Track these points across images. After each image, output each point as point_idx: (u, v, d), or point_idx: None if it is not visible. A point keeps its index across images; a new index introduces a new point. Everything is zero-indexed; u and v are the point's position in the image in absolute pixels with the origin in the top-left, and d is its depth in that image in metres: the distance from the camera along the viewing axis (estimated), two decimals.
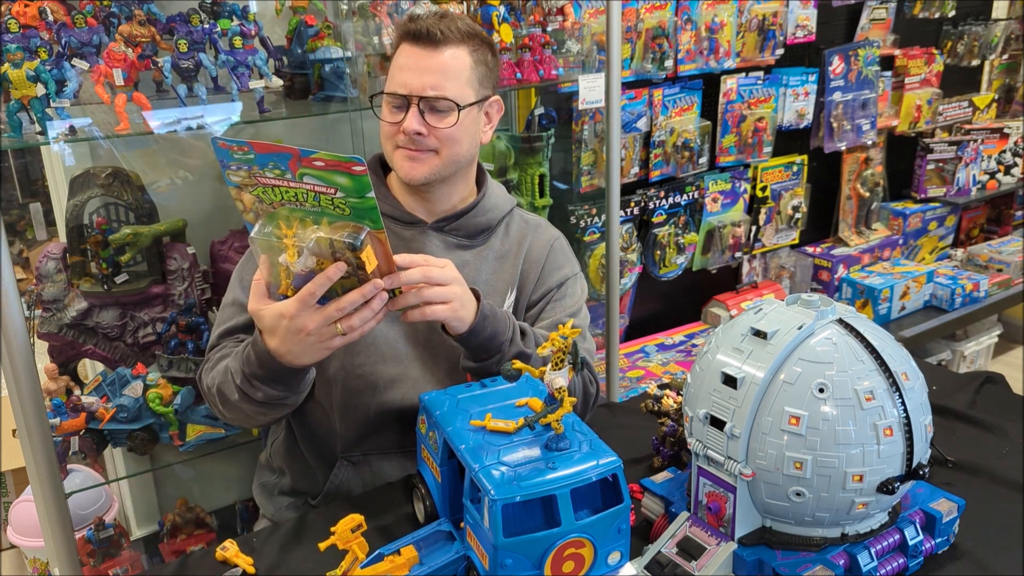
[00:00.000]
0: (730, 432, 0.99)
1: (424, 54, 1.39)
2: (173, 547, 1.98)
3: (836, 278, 3.20)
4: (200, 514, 2.01)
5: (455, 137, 1.42)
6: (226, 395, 1.32)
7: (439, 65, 1.39)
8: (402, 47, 1.41)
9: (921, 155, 3.43)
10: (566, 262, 1.60)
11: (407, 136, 1.39)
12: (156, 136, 1.63)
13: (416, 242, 1.48)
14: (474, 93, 1.42)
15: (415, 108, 1.38)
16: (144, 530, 2.16)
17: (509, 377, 1.03)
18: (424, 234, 1.49)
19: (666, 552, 1.06)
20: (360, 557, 1.01)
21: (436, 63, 1.39)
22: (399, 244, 1.46)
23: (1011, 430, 1.39)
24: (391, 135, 1.43)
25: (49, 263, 1.77)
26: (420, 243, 1.48)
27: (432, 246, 1.48)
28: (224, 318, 1.45)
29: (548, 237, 1.60)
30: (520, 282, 1.54)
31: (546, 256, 1.57)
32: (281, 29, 1.89)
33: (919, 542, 1.06)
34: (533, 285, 1.54)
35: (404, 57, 1.40)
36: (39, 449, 1.43)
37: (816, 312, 1.02)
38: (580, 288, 1.60)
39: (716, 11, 2.63)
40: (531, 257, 1.57)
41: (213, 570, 1.14)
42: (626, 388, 2.50)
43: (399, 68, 1.40)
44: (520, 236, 1.57)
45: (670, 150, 2.70)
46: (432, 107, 1.39)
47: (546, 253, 1.57)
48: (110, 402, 1.73)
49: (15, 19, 1.51)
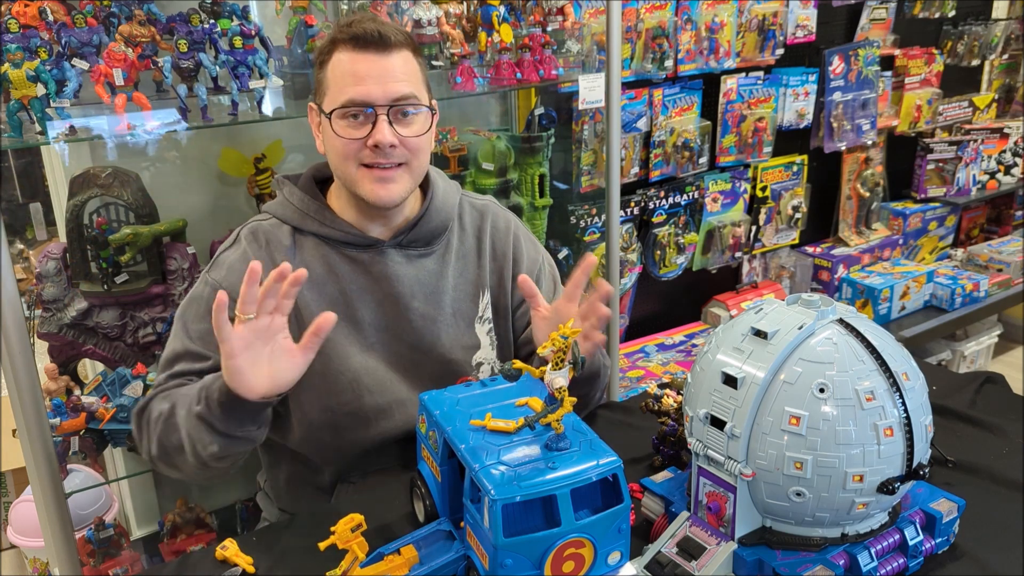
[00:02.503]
0: (730, 432, 0.99)
1: (377, 58, 1.28)
2: (173, 547, 1.98)
3: (836, 278, 3.20)
4: (200, 514, 2.01)
5: (423, 146, 1.35)
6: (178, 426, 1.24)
7: (397, 68, 1.30)
8: (344, 55, 1.30)
9: (921, 155, 3.43)
10: (531, 247, 1.57)
11: (378, 151, 1.29)
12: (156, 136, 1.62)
13: (376, 264, 1.41)
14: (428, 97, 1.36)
15: (384, 118, 1.29)
16: (144, 530, 2.16)
17: (509, 377, 1.03)
18: (383, 254, 1.41)
19: (666, 552, 1.06)
20: (360, 557, 1.01)
21: (393, 66, 1.30)
22: (357, 269, 1.40)
23: (1011, 430, 1.39)
24: (352, 153, 1.31)
25: (49, 263, 1.77)
26: (381, 265, 1.41)
27: (393, 264, 1.41)
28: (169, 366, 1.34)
29: (504, 225, 1.54)
30: (494, 283, 1.51)
31: (512, 248, 1.53)
32: (281, 29, 1.89)
33: (919, 542, 1.06)
34: (511, 284, 1.52)
35: (354, 64, 1.29)
36: (39, 449, 1.43)
37: (816, 312, 1.02)
38: (549, 264, 1.59)
39: (716, 11, 2.63)
40: (497, 252, 1.52)
41: (213, 570, 1.14)
42: (626, 388, 2.50)
43: (353, 76, 1.28)
44: (476, 228, 1.51)
45: (670, 150, 2.70)
46: (401, 113, 1.31)
47: (511, 244, 1.53)
48: (110, 402, 1.73)
49: (15, 19, 1.51)
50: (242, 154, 1.95)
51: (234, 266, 1.37)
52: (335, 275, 1.40)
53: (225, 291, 1.15)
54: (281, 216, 1.43)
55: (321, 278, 1.40)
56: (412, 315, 1.43)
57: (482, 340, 1.50)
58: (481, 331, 1.50)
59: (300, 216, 1.41)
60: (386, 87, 1.29)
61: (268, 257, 1.38)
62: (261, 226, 1.42)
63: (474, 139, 2.20)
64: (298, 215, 1.41)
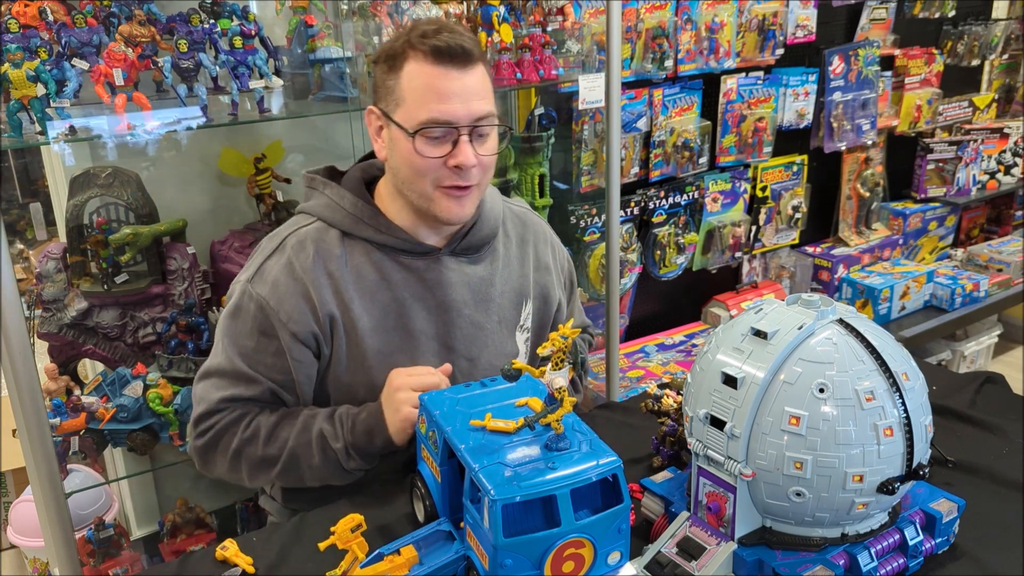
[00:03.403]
0: (730, 432, 0.99)
1: (460, 75, 1.25)
2: (173, 547, 1.98)
3: (836, 278, 3.20)
4: (200, 514, 2.01)
5: (493, 162, 1.33)
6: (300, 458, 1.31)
7: (478, 85, 1.27)
8: (423, 67, 1.25)
9: (921, 155, 3.43)
10: (562, 256, 1.62)
11: (458, 171, 1.27)
12: (156, 136, 1.62)
13: (431, 271, 1.39)
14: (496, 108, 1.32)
15: (465, 139, 1.26)
16: (144, 530, 2.16)
17: (509, 377, 1.03)
18: (439, 262, 1.39)
19: (666, 552, 1.06)
20: (360, 557, 1.01)
21: (474, 83, 1.26)
22: (411, 276, 1.38)
23: (1011, 430, 1.39)
24: (431, 170, 1.28)
25: (49, 263, 1.77)
26: (436, 272, 1.39)
27: (448, 272, 1.40)
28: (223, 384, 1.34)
29: (543, 235, 1.57)
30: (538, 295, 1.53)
31: (551, 259, 1.57)
32: (281, 29, 1.89)
33: (919, 542, 1.06)
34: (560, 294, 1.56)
35: (436, 80, 1.24)
36: (39, 449, 1.43)
37: (816, 312, 1.02)
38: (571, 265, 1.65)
39: (716, 11, 2.62)
40: (541, 263, 1.54)
41: (213, 570, 1.14)
42: (626, 388, 2.50)
43: (435, 94, 1.24)
44: (519, 236, 1.53)
45: (670, 150, 2.70)
46: (479, 133, 1.28)
47: (550, 255, 1.57)
48: (110, 402, 1.73)
49: (15, 19, 1.51)
50: (242, 154, 1.95)
51: (279, 280, 1.32)
52: (388, 282, 1.36)
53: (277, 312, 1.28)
54: (330, 220, 1.37)
55: (374, 285, 1.36)
56: (463, 322, 1.41)
57: (520, 348, 1.50)
58: (520, 339, 1.51)
59: (352, 221, 1.36)
60: (469, 106, 1.25)
61: (319, 267, 1.33)
62: (309, 233, 1.36)
63: None
64: (349, 220, 1.36)
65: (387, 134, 1.33)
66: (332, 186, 1.40)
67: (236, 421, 1.34)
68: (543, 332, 1.55)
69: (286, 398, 1.37)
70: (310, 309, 1.32)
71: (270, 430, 1.32)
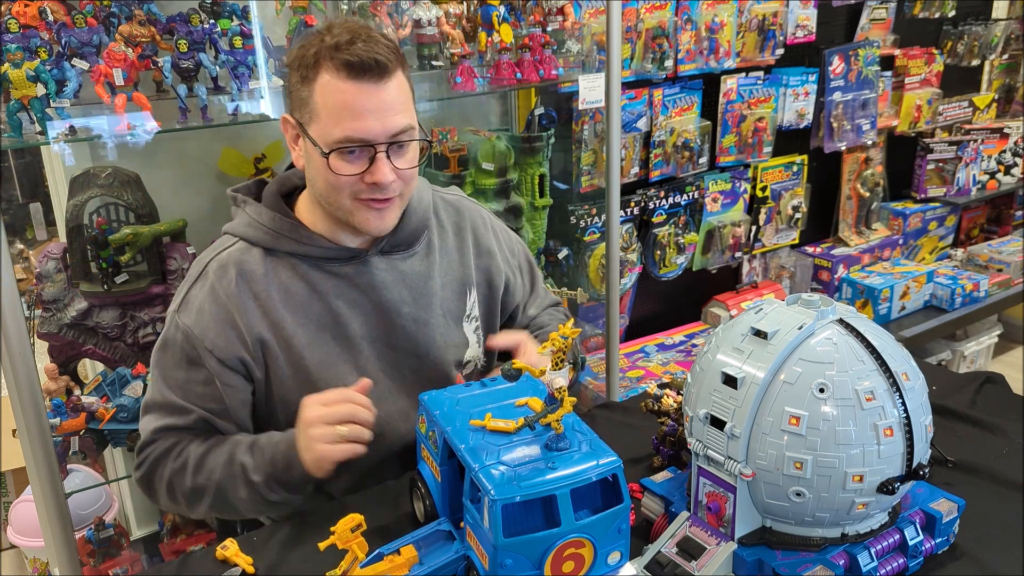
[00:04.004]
0: (730, 432, 0.99)
1: (375, 89, 1.21)
2: (173, 547, 1.98)
3: (836, 278, 3.20)
4: None
5: (415, 174, 1.31)
6: (227, 491, 1.27)
7: (394, 99, 1.23)
8: (335, 82, 1.20)
9: (921, 155, 3.43)
10: (507, 238, 1.58)
11: (375, 187, 1.25)
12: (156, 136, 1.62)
13: (362, 275, 1.36)
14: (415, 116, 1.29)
15: (382, 155, 1.23)
16: (144, 530, 2.16)
17: (509, 377, 1.03)
18: (367, 264, 1.36)
19: (666, 552, 1.06)
20: (360, 557, 1.01)
21: (391, 97, 1.22)
22: (341, 283, 1.35)
23: (1011, 430, 1.39)
24: (347, 186, 1.25)
25: (49, 263, 1.77)
26: (367, 275, 1.36)
27: (379, 272, 1.37)
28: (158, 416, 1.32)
29: (482, 220, 1.53)
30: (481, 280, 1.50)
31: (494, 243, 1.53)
32: (281, 29, 1.89)
33: (919, 542, 1.06)
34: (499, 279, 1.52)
35: (349, 96, 1.20)
36: (39, 449, 1.43)
37: (816, 312, 1.02)
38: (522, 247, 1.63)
39: (716, 11, 2.63)
40: (481, 249, 1.51)
41: (213, 570, 1.14)
42: (626, 388, 2.50)
43: (348, 111, 1.20)
44: (455, 225, 1.49)
45: (670, 150, 2.70)
46: (397, 145, 1.25)
47: (492, 239, 1.53)
48: (110, 402, 1.73)
49: (15, 19, 1.51)
50: (242, 154, 1.95)
51: (203, 308, 1.30)
52: (318, 293, 1.34)
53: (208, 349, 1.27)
54: (251, 238, 1.34)
55: (304, 298, 1.33)
56: (404, 321, 1.39)
57: (469, 338, 1.48)
58: (468, 329, 1.48)
59: (272, 237, 1.33)
60: (385, 121, 1.22)
61: (243, 290, 1.31)
62: (230, 255, 1.33)
63: (474, 139, 2.20)
64: (270, 236, 1.33)
65: (303, 144, 1.30)
66: (251, 203, 1.37)
67: (167, 451, 1.31)
68: (493, 319, 1.53)
69: (221, 425, 1.33)
70: (236, 335, 1.30)
71: (198, 460, 1.29)
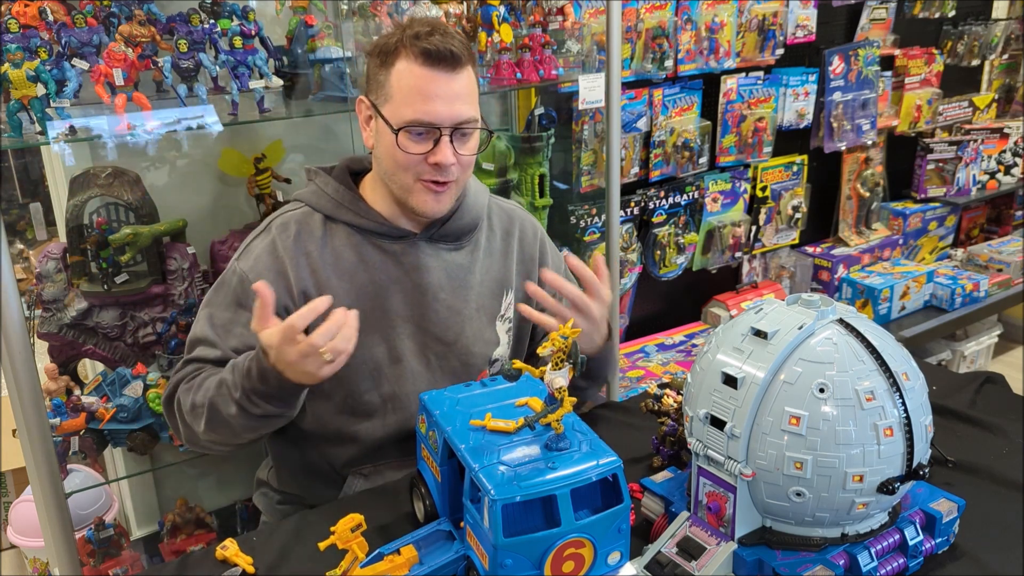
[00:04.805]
0: (730, 432, 0.99)
1: (447, 78, 1.30)
2: (173, 547, 1.98)
3: (836, 278, 3.20)
4: (200, 514, 2.01)
5: (472, 162, 1.40)
6: (219, 409, 1.29)
7: (463, 89, 1.32)
8: (412, 67, 1.30)
9: (921, 155, 3.43)
10: (555, 254, 1.63)
11: (438, 168, 1.33)
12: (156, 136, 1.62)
13: (408, 255, 1.44)
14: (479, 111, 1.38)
15: (446, 139, 1.32)
16: (144, 530, 2.16)
17: (509, 377, 1.03)
18: (414, 246, 1.45)
19: (666, 552, 1.06)
20: (360, 557, 1.01)
21: (460, 87, 1.32)
22: (388, 259, 1.43)
23: (1011, 430, 1.39)
24: (412, 165, 1.34)
25: (49, 263, 1.77)
26: (412, 256, 1.44)
27: (424, 256, 1.45)
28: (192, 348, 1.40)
29: (532, 230, 1.60)
30: (519, 285, 1.54)
31: (539, 254, 1.59)
32: (281, 29, 1.89)
33: (919, 542, 1.06)
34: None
35: (423, 82, 1.30)
36: (39, 449, 1.43)
37: (816, 312, 1.02)
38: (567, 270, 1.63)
39: (716, 11, 2.62)
40: (525, 256, 1.57)
41: (213, 570, 1.14)
42: (626, 388, 2.50)
43: (421, 95, 1.30)
44: (504, 230, 1.56)
45: (670, 150, 2.70)
46: (461, 133, 1.34)
47: (538, 250, 1.59)
48: (110, 402, 1.73)
49: (15, 19, 1.51)
50: (242, 154, 1.95)
51: (260, 257, 1.41)
52: (365, 264, 1.43)
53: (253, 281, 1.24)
54: (314, 204, 1.45)
55: (352, 266, 1.42)
56: (439, 306, 1.46)
57: (501, 338, 1.54)
58: (501, 329, 1.54)
59: (333, 205, 1.44)
60: (453, 109, 1.31)
61: (299, 247, 1.41)
62: (293, 215, 1.45)
63: None
64: (331, 204, 1.44)
65: (375, 125, 1.39)
66: (321, 175, 1.48)
67: (190, 376, 1.37)
68: (525, 325, 1.58)
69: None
70: (284, 286, 1.38)
71: (200, 381, 1.35)
